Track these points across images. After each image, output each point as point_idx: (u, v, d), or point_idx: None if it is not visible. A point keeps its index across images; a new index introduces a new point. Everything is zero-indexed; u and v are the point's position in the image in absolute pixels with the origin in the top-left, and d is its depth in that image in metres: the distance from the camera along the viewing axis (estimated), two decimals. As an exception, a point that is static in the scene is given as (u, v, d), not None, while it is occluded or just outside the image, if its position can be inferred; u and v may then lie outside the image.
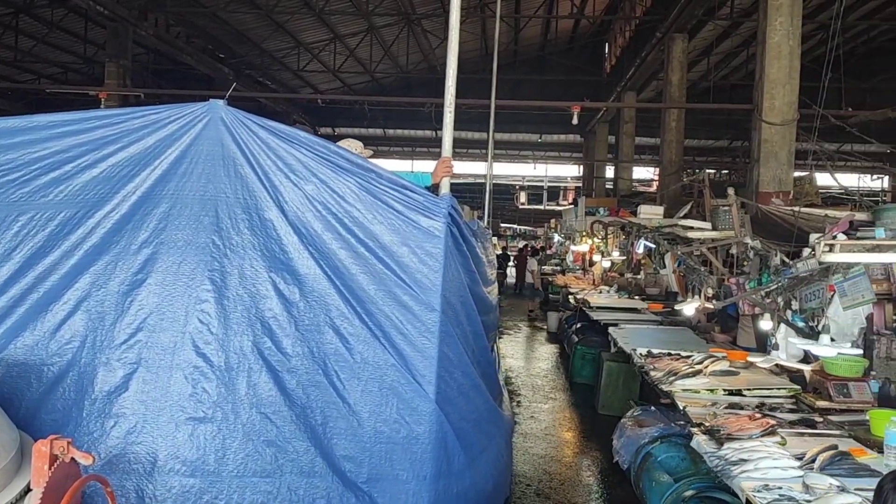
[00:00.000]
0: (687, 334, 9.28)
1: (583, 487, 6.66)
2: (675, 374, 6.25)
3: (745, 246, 7.40)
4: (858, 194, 16.00)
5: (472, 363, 4.54)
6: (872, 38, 22.44)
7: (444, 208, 3.97)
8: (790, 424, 5.08)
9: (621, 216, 13.76)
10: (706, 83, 21.34)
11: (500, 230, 34.32)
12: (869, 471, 4.09)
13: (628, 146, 21.55)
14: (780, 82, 9.75)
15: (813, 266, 4.79)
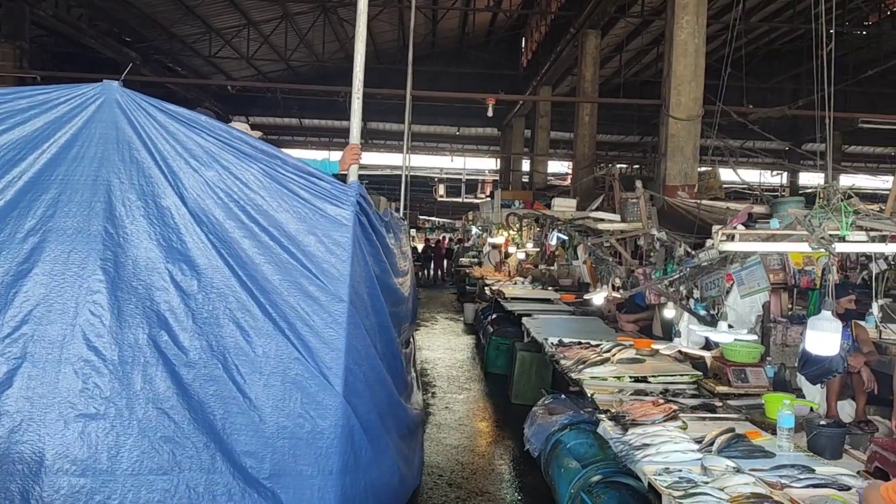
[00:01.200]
0: (597, 324, 9.49)
1: (494, 476, 6.71)
2: (584, 362, 6.38)
3: (652, 237, 7.60)
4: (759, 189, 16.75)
5: (380, 355, 4.50)
6: (773, 40, 23.47)
7: (353, 196, 3.90)
8: (691, 409, 5.25)
9: (536, 209, 13.94)
10: (618, 80, 21.86)
11: (419, 222, 34.31)
12: (763, 452, 4.26)
13: (543, 140, 21.88)
14: (687, 79, 10.07)
15: (713, 256, 4.96)
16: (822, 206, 3.56)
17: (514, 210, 15.04)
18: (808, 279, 7.64)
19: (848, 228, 3.51)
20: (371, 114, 26.73)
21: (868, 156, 29.98)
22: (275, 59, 23.75)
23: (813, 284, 7.88)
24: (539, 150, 21.74)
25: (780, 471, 3.92)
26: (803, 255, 7.37)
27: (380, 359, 4.48)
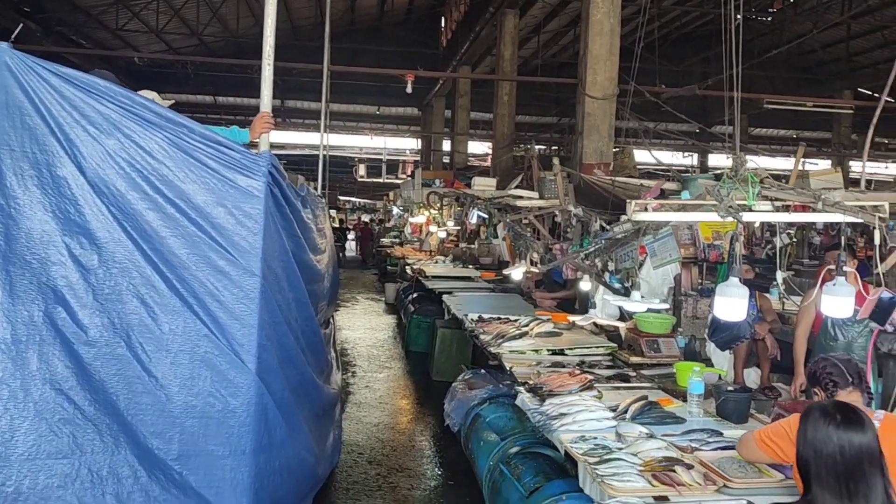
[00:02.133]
0: (516, 300, 9.60)
1: (415, 452, 6.70)
2: (503, 336, 6.42)
3: (569, 213, 7.69)
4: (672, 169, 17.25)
5: (295, 332, 4.39)
6: (684, 24, 24.09)
7: (264, 166, 3.75)
8: (607, 380, 5.36)
9: (456, 188, 13.96)
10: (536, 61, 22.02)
11: (339, 203, 33.92)
12: (674, 418, 4.38)
13: (464, 120, 21.89)
14: (602, 58, 10.21)
15: (627, 228, 5.06)
16: (731, 176, 3.65)
17: (435, 189, 15.02)
18: (716, 253, 7.89)
19: (754, 198, 3.62)
20: (288, 91, 26.15)
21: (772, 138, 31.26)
22: (186, 33, 22.87)
23: (721, 259, 8.14)
24: (459, 130, 21.74)
25: (691, 435, 4.04)
26: (712, 229, 7.62)
27: (295, 336, 4.38)
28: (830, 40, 23.03)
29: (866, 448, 2.11)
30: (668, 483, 3.36)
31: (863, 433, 2.13)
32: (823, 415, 2.19)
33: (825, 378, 3.28)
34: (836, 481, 2.08)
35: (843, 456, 2.08)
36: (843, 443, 2.09)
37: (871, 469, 2.10)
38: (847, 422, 2.15)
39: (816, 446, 2.15)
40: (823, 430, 2.15)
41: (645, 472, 3.49)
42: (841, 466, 2.08)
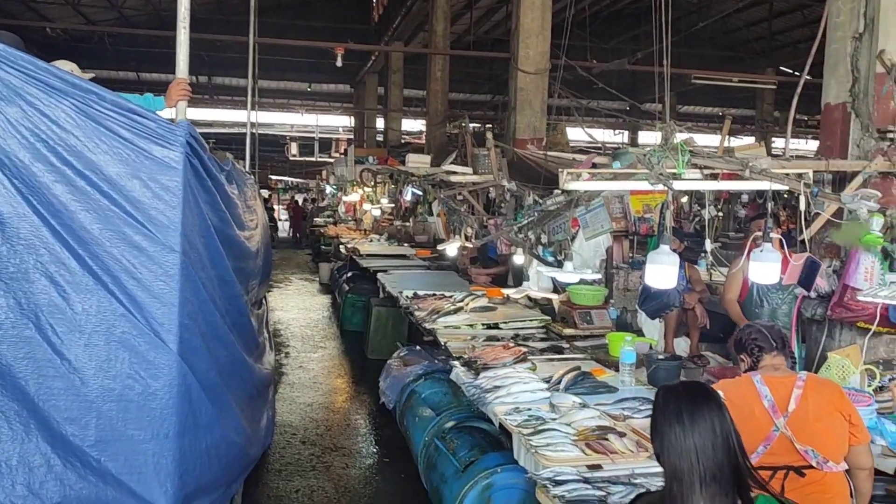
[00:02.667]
0: (452, 277, 9.56)
1: (350, 431, 6.61)
2: (437, 312, 6.36)
3: (503, 188, 7.66)
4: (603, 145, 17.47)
5: (221, 311, 4.22)
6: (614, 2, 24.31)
7: (181, 136, 3.55)
8: (541, 352, 5.37)
9: (390, 164, 13.79)
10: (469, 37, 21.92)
11: (271, 183, 33.24)
12: (606, 387, 4.41)
13: (397, 97, 21.64)
14: (534, 32, 10.19)
15: (559, 200, 5.04)
16: (661, 145, 3.64)
17: (369, 166, 14.82)
18: (647, 226, 8.00)
19: (684, 166, 3.62)
20: (216, 67, 25.37)
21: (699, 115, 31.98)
22: (105, 5, 21.89)
23: (652, 231, 8.25)
24: (393, 107, 21.50)
25: (623, 403, 4.06)
26: (643, 203, 7.70)
27: (222, 314, 4.21)
28: (753, 19, 23.60)
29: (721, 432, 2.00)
30: (601, 451, 3.36)
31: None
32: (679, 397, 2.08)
33: (750, 344, 3.32)
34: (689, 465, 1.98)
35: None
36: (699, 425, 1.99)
37: (725, 455, 2.00)
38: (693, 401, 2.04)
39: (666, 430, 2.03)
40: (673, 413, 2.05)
41: (578, 441, 3.49)
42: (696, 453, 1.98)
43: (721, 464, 1.97)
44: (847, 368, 3.95)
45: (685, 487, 1.96)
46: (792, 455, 3.09)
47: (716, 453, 1.97)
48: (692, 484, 1.95)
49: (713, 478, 1.96)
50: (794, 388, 3.13)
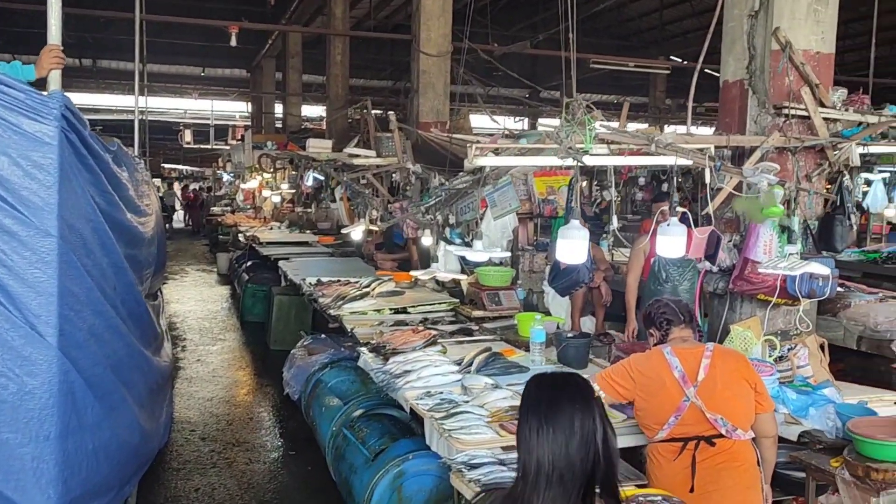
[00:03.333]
0: (357, 263, 9.37)
1: (253, 424, 6.34)
2: (343, 298, 6.18)
3: (408, 171, 7.52)
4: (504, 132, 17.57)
5: (112, 301, 3.90)
6: (512, -12, 24.51)
7: (56, 109, 3.22)
8: (450, 335, 5.27)
9: (290, 150, 13.39)
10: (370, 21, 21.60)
11: (164, 171, 31.85)
12: (518, 367, 4.36)
13: (296, 82, 21.08)
14: (435, 14, 10.07)
15: (467, 179, 4.96)
16: (568, 120, 3.60)
17: (268, 151, 14.34)
18: (551, 208, 8.04)
19: (591, 141, 3.59)
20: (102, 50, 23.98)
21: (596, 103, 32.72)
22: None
23: (555, 213, 8.32)
24: (292, 92, 20.94)
25: (535, 383, 4.00)
26: (546, 185, 7.74)
27: (114, 304, 3.89)
28: (646, 10, 24.30)
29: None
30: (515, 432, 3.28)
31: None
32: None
33: (659, 318, 3.34)
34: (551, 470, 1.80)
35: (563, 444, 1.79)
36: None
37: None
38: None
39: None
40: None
41: (493, 423, 3.41)
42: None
43: (572, 465, 1.77)
44: (749, 340, 4.04)
45: (528, 487, 1.78)
46: (702, 424, 3.12)
47: (569, 453, 1.78)
48: (536, 484, 1.77)
49: (559, 479, 1.77)
50: (702, 358, 3.16)
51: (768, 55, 4.29)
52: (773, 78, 4.28)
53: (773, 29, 4.23)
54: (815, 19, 4.34)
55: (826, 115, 4.29)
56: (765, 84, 4.31)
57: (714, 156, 3.88)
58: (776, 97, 4.28)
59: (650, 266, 5.23)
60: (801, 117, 4.28)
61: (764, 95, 4.31)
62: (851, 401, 3.86)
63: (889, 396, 4.15)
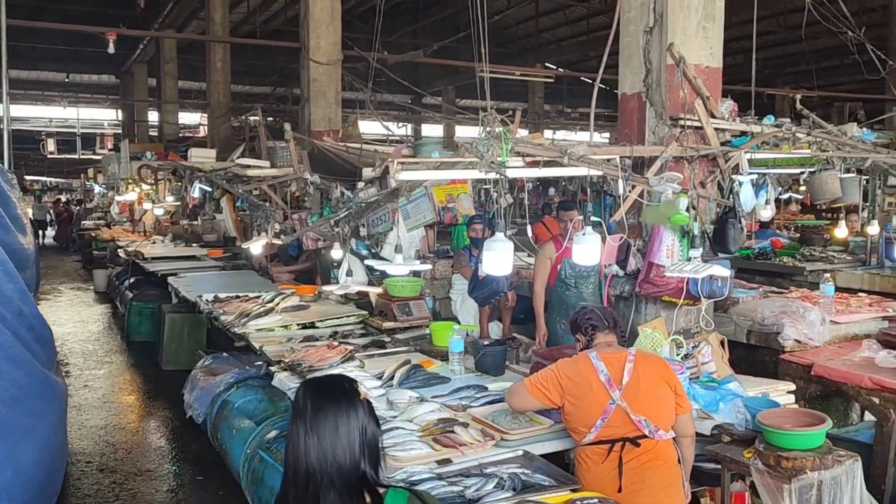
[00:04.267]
0: (252, 277, 9.12)
1: (154, 452, 6.04)
2: (247, 315, 5.99)
3: (305, 181, 7.39)
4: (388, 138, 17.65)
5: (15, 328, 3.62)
6: None
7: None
8: (363, 348, 5.22)
9: (171, 160, 12.84)
10: (249, 26, 21.09)
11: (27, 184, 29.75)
12: (439, 378, 4.38)
13: (171, 88, 20.26)
14: (325, 22, 9.96)
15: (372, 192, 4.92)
16: (487, 133, 3.66)
17: (148, 162, 13.70)
18: (451, 216, 8.15)
19: (508, 154, 3.66)
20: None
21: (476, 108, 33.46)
22: None
23: (455, 220, 8.43)
24: (168, 99, 20.10)
25: (459, 393, 4.05)
26: (446, 192, 7.83)
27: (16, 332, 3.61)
28: (522, 17, 25.01)
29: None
30: (450, 445, 3.30)
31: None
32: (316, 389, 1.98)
33: (585, 324, 3.46)
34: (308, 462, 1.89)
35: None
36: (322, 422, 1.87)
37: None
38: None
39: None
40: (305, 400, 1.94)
41: (425, 437, 3.41)
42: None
43: (342, 468, 1.82)
44: (657, 340, 4.25)
45: (301, 493, 1.82)
46: (627, 426, 3.25)
47: (336, 456, 1.82)
48: (307, 491, 1.81)
49: (331, 483, 1.81)
50: (626, 362, 3.30)
51: (664, 69, 4.52)
52: (669, 91, 4.51)
53: (668, 45, 4.47)
54: (704, 35, 4.62)
55: (717, 125, 4.58)
56: (661, 96, 4.54)
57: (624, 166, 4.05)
58: (672, 109, 4.52)
59: (557, 272, 5.39)
60: (695, 128, 4.54)
61: (661, 107, 4.54)
62: (750, 393, 4.14)
63: (782, 386, 4.48)
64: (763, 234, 10.70)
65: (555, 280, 5.49)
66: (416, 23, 24.68)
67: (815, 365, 4.60)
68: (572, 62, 25.45)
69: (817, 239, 9.93)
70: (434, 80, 25.00)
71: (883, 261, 7.70)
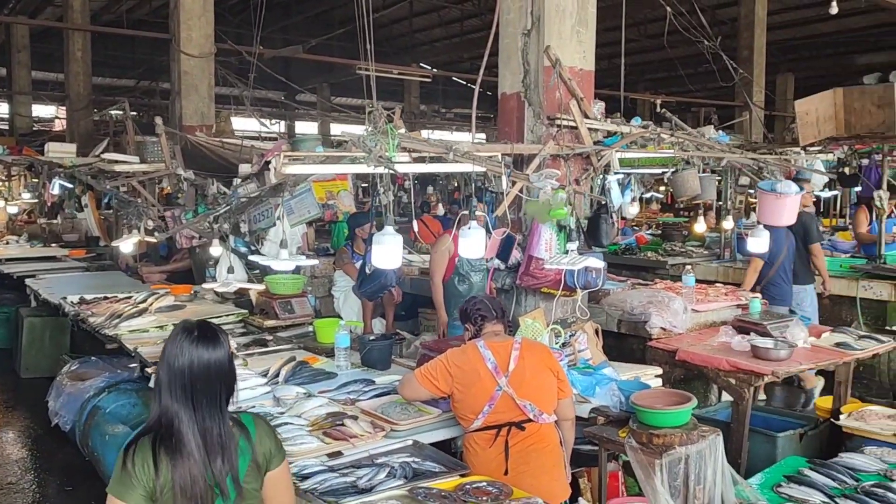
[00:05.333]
0: (119, 277, 8.72)
1: (15, 463, 5.65)
2: (119, 316, 5.72)
3: (178, 178, 7.13)
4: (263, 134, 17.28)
5: None
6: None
7: None
8: (245, 347, 5.13)
9: (26, 154, 11.97)
10: (111, 15, 20.01)
11: None
12: (325, 374, 4.38)
13: (24, 78, 18.82)
14: (196, 13, 9.60)
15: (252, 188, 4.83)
16: (373, 128, 3.69)
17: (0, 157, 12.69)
18: (331, 213, 8.12)
19: (394, 150, 3.71)
20: None
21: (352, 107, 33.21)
22: None
23: (335, 217, 8.40)
24: (20, 90, 18.70)
25: (347, 388, 4.07)
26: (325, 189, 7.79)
27: None
28: (397, 17, 25.11)
29: (214, 363, 2.26)
30: (341, 438, 3.32)
31: (213, 350, 2.28)
32: (183, 331, 2.32)
33: (474, 314, 3.58)
34: (183, 391, 2.22)
35: (191, 369, 2.23)
36: (193, 357, 2.24)
37: (217, 382, 2.27)
38: (202, 339, 2.28)
39: (169, 359, 2.26)
40: (178, 346, 2.28)
41: (314, 431, 3.40)
42: (188, 378, 2.23)
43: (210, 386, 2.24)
44: (537, 330, 4.43)
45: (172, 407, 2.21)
46: (513, 411, 3.39)
47: (210, 376, 2.25)
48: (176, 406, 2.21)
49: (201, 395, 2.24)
50: (512, 350, 3.44)
51: (541, 70, 4.71)
52: (546, 91, 4.71)
53: (545, 47, 4.66)
54: (578, 40, 4.86)
55: (590, 125, 4.82)
56: (539, 97, 4.73)
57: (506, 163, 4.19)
58: (549, 109, 4.72)
59: (454, 266, 5.48)
60: (570, 127, 4.76)
61: (539, 107, 4.73)
62: (623, 377, 4.40)
63: (650, 371, 4.78)
64: (628, 230, 11.34)
65: (451, 273, 5.57)
66: (289, 19, 24.23)
67: (679, 350, 4.93)
68: (447, 63, 25.82)
69: (677, 235, 10.63)
70: (308, 77, 24.64)
71: (735, 254, 8.34)
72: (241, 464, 2.24)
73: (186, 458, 2.17)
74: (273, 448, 2.35)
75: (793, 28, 17.99)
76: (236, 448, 2.25)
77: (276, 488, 2.35)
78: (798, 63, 20.66)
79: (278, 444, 2.39)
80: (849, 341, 5.12)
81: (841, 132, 7.32)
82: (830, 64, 20.50)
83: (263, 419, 2.47)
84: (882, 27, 16.55)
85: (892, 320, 7.07)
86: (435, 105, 28.34)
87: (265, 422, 2.45)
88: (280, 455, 2.37)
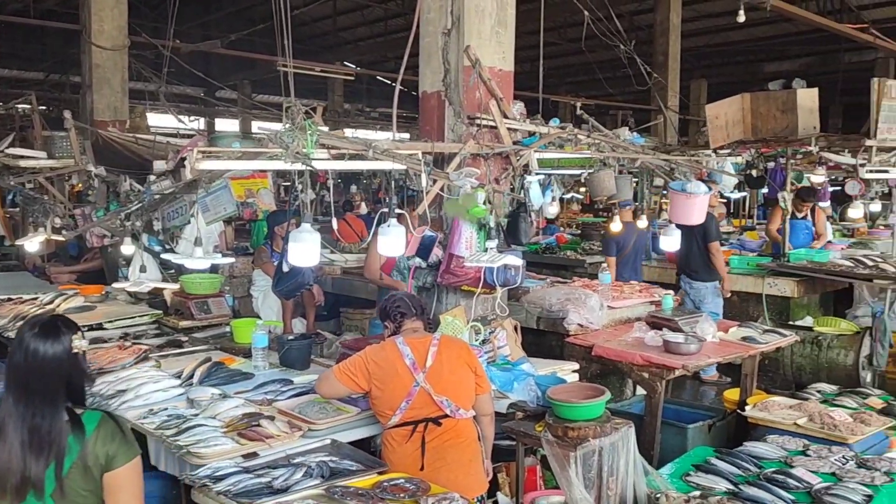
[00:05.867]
0: (26, 278, 8.33)
1: None
2: (23, 318, 5.46)
3: (89, 174, 6.86)
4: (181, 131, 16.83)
5: None
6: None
7: None
8: (159, 348, 4.99)
9: (-78, 149, 11.30)
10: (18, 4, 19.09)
11: None
12: (242, 374, 4.30)
13: (-83, 69, 17.83)
14: (109, 4, 9.26)
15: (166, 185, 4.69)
16: (291, 124, 3.64)
17: None
18: (250, 211, 7.96)
19: (313, 146, 3.67)
20: None
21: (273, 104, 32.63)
22: None
23: (255, 216, 8.25)
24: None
25: (264, 388, 4.01)
26: (245, 187, 7.65)
27: None
28: (320, 15, 24.85)
29: (51, 358, 2.27)
30: (256, 438, 3.27)
31: (52, 345, 2.28)
32: (28, 325, 2.34)
33: (394, 311, 3.58)
34: (17, 384, 2.24)
35: (27, 362, 2.24)
36: (29, 351, 2.25)
37: (53, 377, 2.28)
38: (41, 334, 2.29)
39: (10, 352, 2.29)
40: (18, 339, 2.31)
41: (229, 432, 3.34)
42: (23, 370, 2.24)
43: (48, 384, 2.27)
44: (458, 327, 4.46)
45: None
46: (430, 407, 3.41)
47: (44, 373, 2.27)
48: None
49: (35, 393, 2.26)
50: (430, 346, 3.46)
51: (461, 70, 4.75)
52: (466, 91, 4.74)
53: (465, 47, 4.70)
54: (498, 40, 4.91)
55: (509, 125, 4.88)
56: (459, 96, 4.76)
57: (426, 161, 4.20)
58: (469, 108, 4.75)
59: (395, 262, 5.41)
60: (489, 127, 4.81)
61: (459, 107, 4.76)
62: (541, 373, 4.48)
63: (568, 366, 4.89)
64: (549, 230, 11.54)
65: (391, 270, 5.51)
66: (208, 14, 23.65)
67: (595, 346, 5.05)
68: (371, 62, 25.69)
69: (595, 234, 10.88)
70: (229, 74, 24.10)
71: (650, 253, 8.60)
72: (66, 461, 2.23)
73: (5, 451, 2.20)
74: (115, 449, 2.29)
75: (706, 35, 18.65)
76: (65, 445, 2.24)
77: (117, 491, 2.30)
78: (711, 69, 21.45)
79: (125, 446, 2.32)
80: (754, 335, 5.36)
81: (748, 136, 7.66)
82: (741, 71, 21.37)
83: (114, 419, 2.40)
84: (787, 37, 17.38)
85: (795, 315, 7.44)
86: (359, 104, 28.16)
87: (114, 422, 2.38)
88: (125, 456, 2.31)
